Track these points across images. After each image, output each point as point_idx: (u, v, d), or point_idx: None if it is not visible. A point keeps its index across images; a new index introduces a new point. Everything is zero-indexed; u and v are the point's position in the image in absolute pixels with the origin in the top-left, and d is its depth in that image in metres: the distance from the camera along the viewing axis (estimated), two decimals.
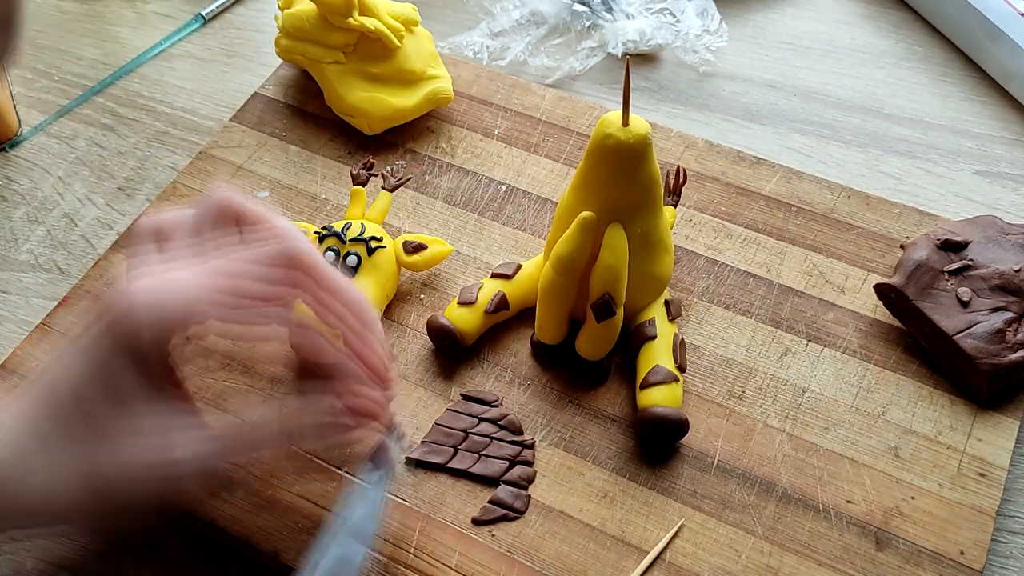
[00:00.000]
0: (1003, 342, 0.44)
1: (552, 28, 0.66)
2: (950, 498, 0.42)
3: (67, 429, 0.36)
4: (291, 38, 0.57)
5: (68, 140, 0.60)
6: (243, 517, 0.42)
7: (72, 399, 0.36)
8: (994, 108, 0.62)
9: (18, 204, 0.56)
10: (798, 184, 0.54)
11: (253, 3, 0.69)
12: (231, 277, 0.36)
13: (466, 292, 0.47)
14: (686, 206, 0.53)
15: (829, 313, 0.49)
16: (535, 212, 0.53)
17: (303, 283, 0.37)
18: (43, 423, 0.36)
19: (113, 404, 0.36)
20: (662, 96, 0.63)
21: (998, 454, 0.44)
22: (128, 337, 0.35)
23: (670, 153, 0.55)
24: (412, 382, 0.46)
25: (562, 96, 0.59)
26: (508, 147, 0.56)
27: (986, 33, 0.62)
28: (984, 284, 0.46)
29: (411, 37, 0.56)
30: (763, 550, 0.41)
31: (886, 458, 0.44)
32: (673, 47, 0.64)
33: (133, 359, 0.35)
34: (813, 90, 0.63)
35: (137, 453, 0.36)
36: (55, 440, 0.36)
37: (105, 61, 0.64)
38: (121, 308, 0.35)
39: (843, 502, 0.42)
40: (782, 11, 0.69)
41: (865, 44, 0.66)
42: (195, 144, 0.59)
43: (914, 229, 0.52)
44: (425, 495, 0.42)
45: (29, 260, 0.54)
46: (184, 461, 0.36)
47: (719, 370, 0.47)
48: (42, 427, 0.36)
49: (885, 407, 0.45)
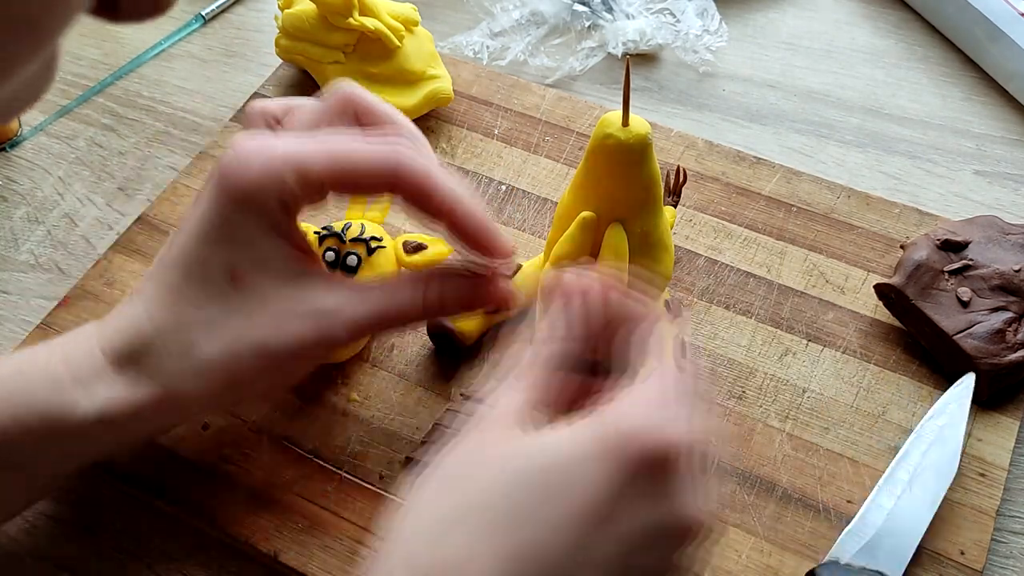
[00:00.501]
0: (1003, 342, 0.44)
1: (552, 28, 0.66)
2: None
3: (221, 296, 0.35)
4: (291, 38, 0.57)
5: (68, 140, 0.60)
6: (243, 517, 0.42)
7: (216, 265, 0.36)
8: (994, 108, 0.62)
9: (18, 204, 0.56)
10: (798, 184, 0.54)
11: (253, 3, 0.69)
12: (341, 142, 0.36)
13: None
14: (686, 206, 0.53)
15: (829, 313, 0.49)
16: (535, 212, 0.53)
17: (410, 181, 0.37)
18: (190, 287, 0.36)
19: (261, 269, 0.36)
20: (662, 96, 0.63)
21: (998, 454, 0.44)
22: (240, 184, 0.35)
23: (670, 153, 0.55)
24: (412, 382, 0.46)
25: (562, 96, 0.59)
26: (508, 147, 0.56)
27: (986, 33, 0.62)
28: (984, 284, 0.46)
29: (411, 37, 0.56)
30: (763, 550, 0.41)
31: (886, 458, 0.44)
32: (673, 47, 0.64)
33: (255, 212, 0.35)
34: (813, 90, 0.63)
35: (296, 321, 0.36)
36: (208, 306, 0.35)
37: (105, 61, 0.64)
38: (229, 159, 0.35)
39: (843, 502, 0.42)
40: (782, 11, 0.69)
41: (865, 44, 0.66)
42: (195, 144, 0.59)
43: (914, 229, 0.52)
44: None
45: (29, 260, 0.54)
46: (344, 339, 0.36)
47: (719, 370, 0.47)
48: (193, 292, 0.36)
49: (885, 407, 0.45)
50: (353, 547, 0.41)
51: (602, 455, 0.27)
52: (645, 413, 0.28)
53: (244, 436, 0.44)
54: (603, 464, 0.27)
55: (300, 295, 0.36)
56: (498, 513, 0.27)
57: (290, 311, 0.36)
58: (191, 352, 0.36)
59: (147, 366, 0.36)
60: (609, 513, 0.27)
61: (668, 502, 0.28)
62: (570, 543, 0.27)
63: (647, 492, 0.27)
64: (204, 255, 0.36)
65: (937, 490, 0.41)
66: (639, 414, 0.28)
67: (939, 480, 0.41)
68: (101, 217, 0.56)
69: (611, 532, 0.27)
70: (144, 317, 0.36)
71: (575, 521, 0.27)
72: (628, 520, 0.27)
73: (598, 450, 0.27)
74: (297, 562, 0.40)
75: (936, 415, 0.43)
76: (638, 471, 0.27)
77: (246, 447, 0.44)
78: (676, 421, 0.28)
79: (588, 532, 0.27)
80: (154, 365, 0.36)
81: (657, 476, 0.28)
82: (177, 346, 0.36)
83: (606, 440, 0.28)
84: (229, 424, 0.45)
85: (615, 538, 0.27)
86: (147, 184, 0.57)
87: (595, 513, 0.27)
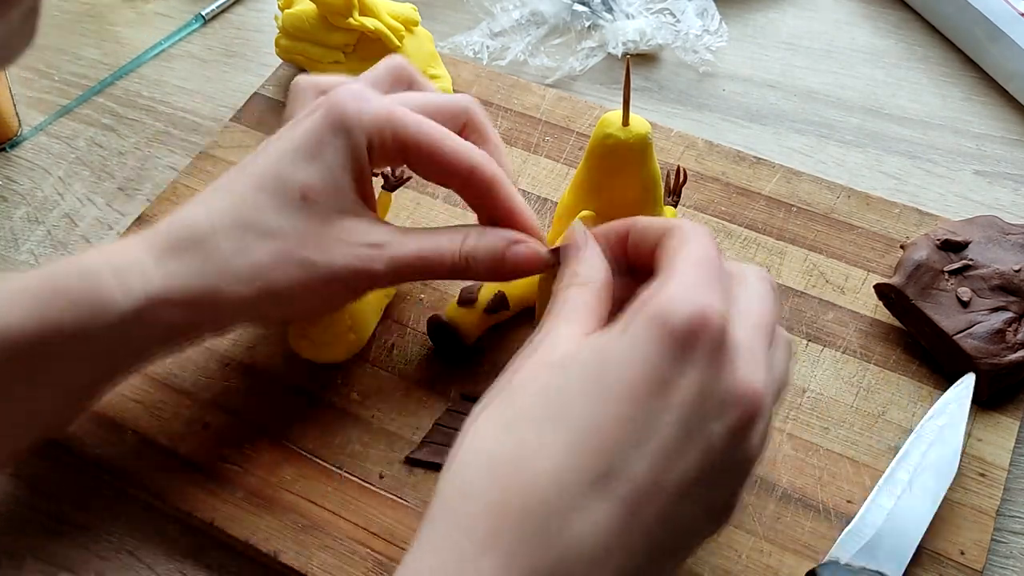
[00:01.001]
0: (1003, 342, 0.44)
1: (552, 28, 0.66)
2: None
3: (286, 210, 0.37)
4: (291, 38, 0.57)
5: (68, 140, 0.60)
6: (243, 517, 0.42)
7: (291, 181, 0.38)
8: (994, 108, 0.62)
9: (18, 204, 0.56)
10: (798, 184, 0.54)
11: (253, 3, 0.69)
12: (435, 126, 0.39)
13: (466, 292, 0.47)
14: (686, 206, 0.53)
15: (829, 313, 0.49)
16: (535, 212, 0.53)
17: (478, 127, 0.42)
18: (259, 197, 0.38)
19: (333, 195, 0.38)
20: (662, 96, 0.63)
21: (998, 454, 0.44)
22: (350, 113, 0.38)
23: (670, 153, 0.55)
24: (412, 382, 0.46)
25: (562, 96, 0.59)
26: (508, 147, 0.56)
27: (986, 33, 0.62)
28: (984, 284, 0.46)
29: (411, 37, 0.56)
30: (763, 550, 0.41)
31: (886, 458, 0.44)
32: (673, 47, 0.64)
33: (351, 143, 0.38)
34: (813, 90, 0.63)
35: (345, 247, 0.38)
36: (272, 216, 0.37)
37: (105, 61, 0.64)
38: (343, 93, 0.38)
39: (843, 502, 0.42)
40: (782, 11, 0.69)
41: (865, 44, 0.66)
42: (195, 144, 0.59)
43: (914, 229, 0.52)
44: (425, 495, 0.42)
45: (29, 260, 0.54)
46: (382, 275, 0.39)
47: None
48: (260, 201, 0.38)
49: (885, 407, 0.45)
50: (353, 547, 0.41)
51: (646, 332, 0.29)
52: (678, 290, 0.30)
53: (244, 436, 0.44)
54: (648, 340, 0.29)
55: (355, 227, 0.39)
56: (561, 403, 0.29)
57: (342, 239, 0.38)
58: (243, 252, 0.37)
59: (193, 259, 0.37)
60: (662, 382, 0.28)
61: (719, 370, 0.29)
62: (630, 416, 0.28)
63: (696, 361, 0.29)
64: (284, 170, 0.38)
65: (937, 490, 0.41)
66: (673, 292, 0.30)
67: (939, 480, 0.41)
68: (101, 217, 0.56)
69: (668, 401, 0.28)
70: (202, 215, 0.38)
71: (632, 393, 0.28)
72: (682, 389, 0.28)
73: (642, 330, 0.29)
74: (297, 562, 0.40)
75: (936, 415, 0.43)
76: (683, 341, 0.29)
77: (246, 447, 0.44)
78: (709, 293, 0.30)
79: (646, 402, 0.28)
80: (201, 260, 0.37)
81: (703, 344, 0.29)
82: (230, 245, 0.37)
83: (647, 319, 0.29)
84: (229, 424, 0.45)
85: (673, 406, 0.28)
86: (147, 184, 0.57)
87: (649, 383, 0.28)
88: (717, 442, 0.29)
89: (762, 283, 0.33)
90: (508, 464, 0.29)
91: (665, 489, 0.28)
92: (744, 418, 0.29)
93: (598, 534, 0.28)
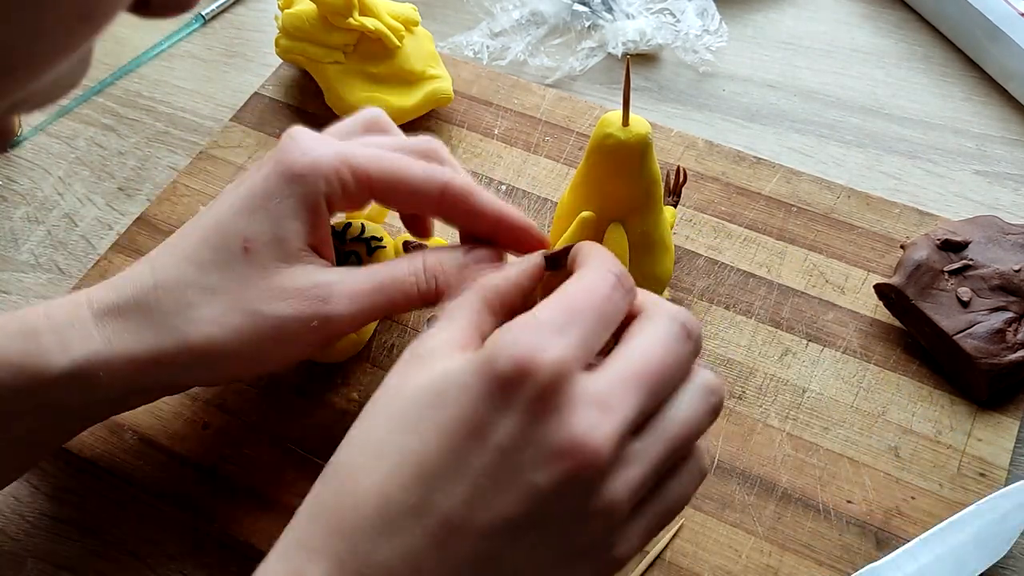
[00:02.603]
0: (1003, 342, 0.44)
1: (552, 28, 0.66)
2: (950, 498, 0.42)
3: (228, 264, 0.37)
4: (291, 38, 0.57)
5: (68, 140, 0.60)
6: (243, 517, 0.42)
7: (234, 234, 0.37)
8: (994, 108, 0.62)
9: (18, 204, 0.56)
10: (798, 184, 0.54)
11: (253, 3, 0.69)
12: (395, 157, 0.39)
13: None
14: (686, 206, 0.53)
15: (829, 313, 0.49)
16: (535, 212, 0.53)
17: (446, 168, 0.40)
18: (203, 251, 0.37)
19: (275, 245, 0.37)
20: (662, 96, 0.63)
21: (998, 454, 0.44)
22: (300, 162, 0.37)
23: (670, 153, 0.55)
24: None
25: (562, 96, 0.59)
26: (508, 147, 0.56)
27: (986, 33, 0.62)
28: (984, 284, 0.46)
29: (411, 37, 0.56)
30: (763, 550, 0.41)
31: (886, 458, 0.44)
32: (673, 47, 0.64)
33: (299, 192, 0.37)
34: (813, 90, 0.63)
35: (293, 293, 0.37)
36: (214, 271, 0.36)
37: (105, 61, 0.64)
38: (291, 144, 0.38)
39: (843, 502, 0.42)
40: (782, 11, 0.69)
41: (865, 44, 0.66)
42: (195, 144, 0.59)
43: (914, 229, 0.52)
44: None
45: (29, 260, 0.54)
46: (339, 317, 0.37)
47: (719, 370, 0.47)
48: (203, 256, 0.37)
49: (885, 407, 0.45)
50: None
51: (476, 370, 0.29)
52: (520, 333, 0.29)
53: (244, 436, 0.44)
54: (475, 378, 0.28)
55: (302, 274, 0.37)
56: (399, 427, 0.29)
57: (288, 287, 0.37)
58: (185, 311, 0.36)
59: (135, 320, 0.36)
60: (479, 422, 0.28)
61: (541, 419, 0.28)
62: (445, 450, 0.28)
63: (515, 407, 0.28)
64: (227, 223, 0.37)
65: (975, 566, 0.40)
66: (512, 332, 0.29)
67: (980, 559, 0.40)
68: (101, 217, 0.56)
69: (482, 443, 0.28)
70: (147, 273, 0.37)
71: (450, 429, 0.28)
72: (497, 433, 0.28)
73: (473, 367, 0.29)
74: None
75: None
76: (504, 385, 0.28)
77: (246, 447, 0.44)
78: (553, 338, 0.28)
79: (461, 441, 0.28)
80: (142, 321, 0.36)
81: (525, 391, 0.28)
82: (173, 303, 0.36)
83: (481, 358, 0.29)
84: (229, 424, 0.45)
85: (487, 450, 0.28)
86: (147, 184, 0.57)
87: (466, 422, 0.28)
88: (543, 491, 0.28)
89: (667, 328, 0.30)
90: (346, 478, 0.30)
91: (477, 529, 0.28)
92: (573, 471, 0.27)
93: (406, 561, 0.28)
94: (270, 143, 0.56)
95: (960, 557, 0.40)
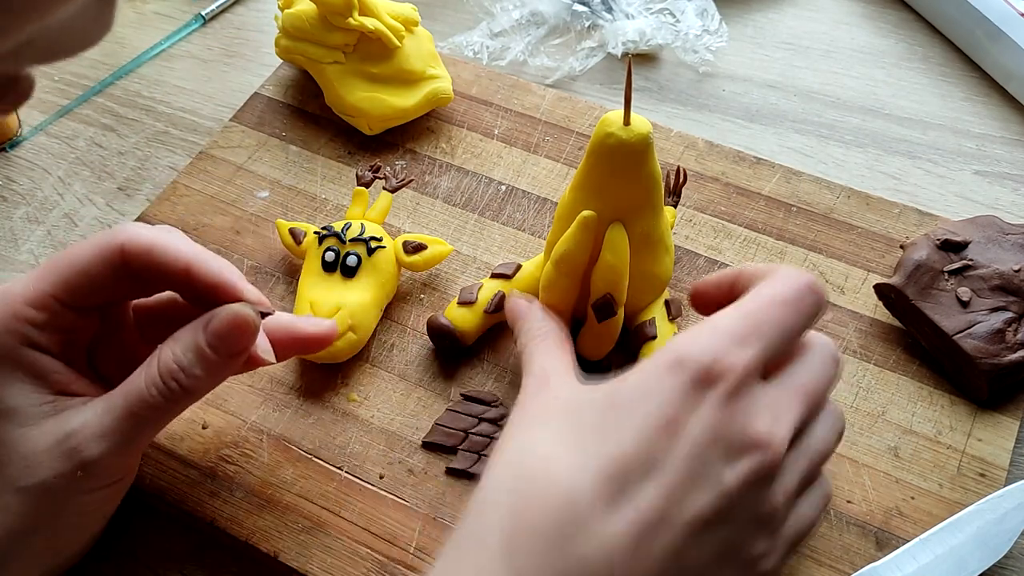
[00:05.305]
0: (1003, 342, 0.44)
1: (552, 28, 0.66)
2: (950, 498, 0.42)
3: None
4: (291, 38, 0.57)
5: (68, 140, 0.60)
6: (243, 517, 0.42)
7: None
8: (994, 108, 0.62)
9: (18, 204, 0.56)
10: (798, 184, 0.54)
11: (253, 3, 0.69)
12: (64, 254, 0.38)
13: (466, 292, 0.47)
14: (686, 206, 0.53)
15: (829, 313, 0.49)
16: (535, 212, 0.53)
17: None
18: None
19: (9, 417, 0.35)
20: (662, 96, 0.63)
21: (998, 454, 0.44)
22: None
23: (670, 153, 0.55)
24: (412, 382, 0.46)
25: (562, 96, 0.59)
26: (508, 147, 0.56)
27: (986, 33, 0.62)
28: (984, 284, 0.46)
29: (411, 37, 0.56)
30: None
31: (886, 458, 0.44)
32: (673, 47, 0.64)
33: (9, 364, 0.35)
34: (813, 90, 0.63)
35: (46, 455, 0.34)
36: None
37: (105, 61, 0.64)
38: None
39: (843, 502, 0.42)
40: (782, 11, 0.69)
41: (865, 44, 0.66)
42: (195, 144, 0.59)
43: (914, 229, 0.52)
44: (425, 495, 0.42)
45: (29, 260, 0.54)
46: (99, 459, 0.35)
47: None
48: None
49: (885, 407, 0.45)
50: (353, 547, 0.41)
51: (665, 371, 0.31)
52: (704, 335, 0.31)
53: (244, 436, 0.44)
54: (662, 378, 0.30)
55: (50, 428, 0.35)
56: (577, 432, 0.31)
57: (40, 449, 0.34)
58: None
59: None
60: (673, 418, 0.30)
61: (732, 414, 0.30)
62: (640, 447, 0.29)
63: (708, 402, 0.30)
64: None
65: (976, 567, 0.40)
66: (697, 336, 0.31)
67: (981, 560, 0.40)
68: (101, 217, 0.56)
69: (678, 438, 0.29)
70: None
71: (643, 426, 0.30)
72: (692, 427, 0.30)
73: (661, 369, 0.31)
74: (297, 562, 0.40)
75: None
76: (697, 381, 0.30)
77: (246, 447, 0.44)
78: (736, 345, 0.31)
79: (656, 437, 0.30)
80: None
81: (718, 387, 0.30)
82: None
83: (665, 358, 0.31)
84: (229, 424, 0.45)
85: (683, 443, 0.29)
86: (147, 184, 0.57)
87: (660, 418, 0.30)
88: (731, 487, 0.29)
89: (823, 358, 0.33)
90: (526, 483, 0.30)
91: (674, 524, 0.29)
92: (757, 467, 0.30)
93: (605, 555, 0.28)
94: (270, 143, 0.56)
95: (960, 557, 0.40)
